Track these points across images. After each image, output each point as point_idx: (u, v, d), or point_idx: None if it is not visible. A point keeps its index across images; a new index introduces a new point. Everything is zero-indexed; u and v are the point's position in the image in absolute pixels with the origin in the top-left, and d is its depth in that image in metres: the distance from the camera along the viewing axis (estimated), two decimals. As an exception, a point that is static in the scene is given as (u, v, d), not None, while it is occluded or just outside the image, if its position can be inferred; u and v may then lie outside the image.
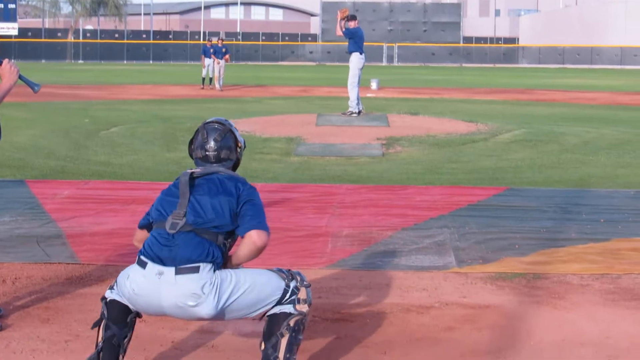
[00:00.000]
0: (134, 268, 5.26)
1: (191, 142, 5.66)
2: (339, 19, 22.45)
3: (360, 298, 7.48)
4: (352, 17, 22.76)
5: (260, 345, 5.37)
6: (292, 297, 5.37)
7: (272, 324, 5.35)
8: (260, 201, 5.41)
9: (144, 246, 5.31)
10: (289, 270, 5.51)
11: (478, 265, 8.61)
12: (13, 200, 11.75)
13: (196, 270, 5.13)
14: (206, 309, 5.11)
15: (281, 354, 5.29)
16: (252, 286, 5.26)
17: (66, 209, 11.23)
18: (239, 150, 5.66)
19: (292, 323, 5.34)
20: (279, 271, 5.46)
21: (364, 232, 10.05)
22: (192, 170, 5.45)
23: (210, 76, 40.25)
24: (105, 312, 5.31)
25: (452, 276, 8.23)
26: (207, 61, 40.12)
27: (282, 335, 5.31)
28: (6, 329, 6.51)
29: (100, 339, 5.31)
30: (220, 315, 5.21)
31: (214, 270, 5.18)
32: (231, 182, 5.41)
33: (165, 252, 5.18)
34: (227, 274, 5.23)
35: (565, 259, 8.81)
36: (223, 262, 5.29)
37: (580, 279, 8.12)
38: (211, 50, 39.85)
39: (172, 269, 5.13)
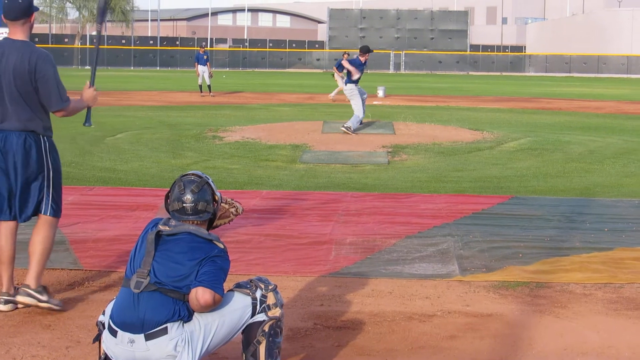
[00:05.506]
0: (106, 334, 5.22)
1: (167, 196, 5.54)
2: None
3: (362, 306, 7.47)
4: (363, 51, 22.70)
5: (242, 357, 5.42)
6: (262, 306, 5.38)
7: (248, 334, 5.39)
8: (224, 264, 5.30)
9: (112, 310, 5.26)
10: (250, 280, 5.50)
11: (481, 273, 8.60)
12: (17, 205, 11.73)
13: (165, 331, 5.09)
14: None
15: None
16: (221, 321, 5.25)
17: (70, 214, 11.20)
18: (215, 204, 5.57)
19: (266, 328, 5.36)
20: (241, 287, 5.43)
21: (367, 239, 10.04)
22: (161, 228, 5.36)
23: (208, 83, 39.90)
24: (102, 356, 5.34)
25: (455, 284, 8.22)
26: (201, 68, 39.69)
27: (259, 343, 5.35)
28: (7, 335, 6.53)
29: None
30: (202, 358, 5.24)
31: (183, 325, 5.15)
32: (201, 245, 5.30)
33: (133, 317, 5.12)
34: (194, 322, 5.19)
35: (569, 268, 8.80)
36: (191, 316, 5.23)
37: (583, 288, 8.11)
38: (204, 57, 39.52)
39: (141, 336, 5.09)
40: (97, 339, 5.36)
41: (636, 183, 14.82)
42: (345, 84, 22.26)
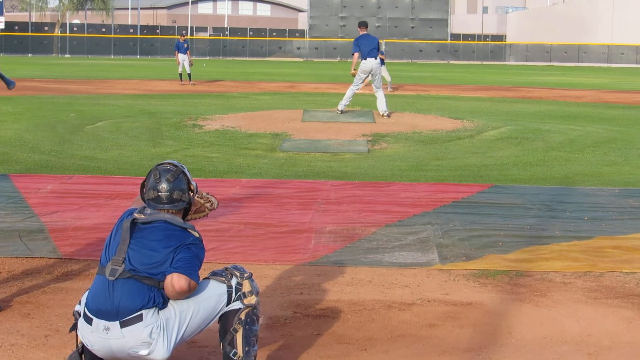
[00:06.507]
0: (82, 323, 5.18)
1: (143, 185, 5.52)
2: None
3: (342, 294, 7.46)
4: (360, 24, 22.87)
5: (220, 345, 5.40)
6: (238, 294, 5.36)
7: (225, 322, 5.37)
8: (199, 252, 5.29)
9: (88, 298, 5.23)
10: (226, 268, 5.48)
11: (461, 262, 8.60)
12: (-4, 194, 11.69)
13: (140, 318, 5.07)
14: (159, 353, 5.08)
15: (240, 349, 5.32)
16: (196, 308, 5.23)
17: (49, 203, 11.19)
18: (191, 193, 5.55)
19: (242, 316, 5.35)
20: (216, 275, 5.41)
21: (347, 228, 10.03)
22: (136, 216, 5.33)
23: (188, 72, 39.67)
24: (80, 347, 5.30)
25: (435, 273, 8.22)
26: (181, 57, 39.46)
27: (236, 331, 5.34)
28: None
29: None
30: (177, 347, 5.20)
31: (158, 312, 5.13)
32: (176, 233, 5.29)
33: (108, 304, 5.09)
34: (169, 309, 5.17)
35: (549, 257, 8.82)
36: (165, 303, 5.20)
37: (562, 277, 8.12)
38: (185, 45, 39.31)
39: (116, 323, 5.07)
40: (74, 328, 5.32)
41: (616, 172, 14.86)
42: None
